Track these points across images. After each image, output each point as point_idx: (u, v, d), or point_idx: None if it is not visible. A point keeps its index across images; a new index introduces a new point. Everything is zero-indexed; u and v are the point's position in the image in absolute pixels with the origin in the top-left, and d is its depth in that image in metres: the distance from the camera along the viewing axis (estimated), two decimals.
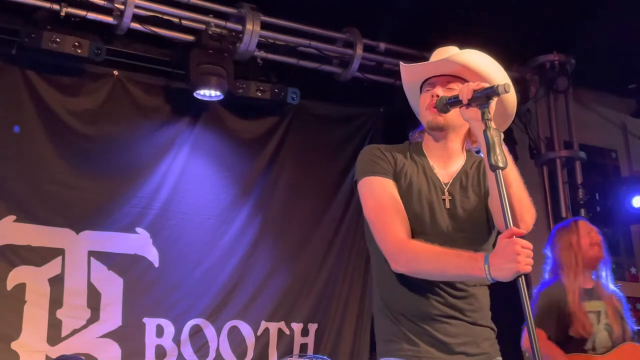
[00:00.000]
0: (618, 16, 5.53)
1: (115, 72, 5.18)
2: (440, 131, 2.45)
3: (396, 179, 2.44)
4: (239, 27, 5.25)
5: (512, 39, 5.82)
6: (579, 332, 3.94)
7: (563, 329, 3.95)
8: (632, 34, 5.84)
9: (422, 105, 2.49)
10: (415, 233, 2.36)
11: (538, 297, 4.02)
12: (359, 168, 2.49)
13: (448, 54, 2.49)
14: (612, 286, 4.15)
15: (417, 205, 2.40)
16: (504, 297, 2.56)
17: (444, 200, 2.43)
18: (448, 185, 2.45)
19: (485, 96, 2.18)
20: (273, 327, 5.42)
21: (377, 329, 2.49)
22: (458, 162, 2.51)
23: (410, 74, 2.58)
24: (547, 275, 4.15)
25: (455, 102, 2.30)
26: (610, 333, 4.02)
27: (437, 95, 2.41)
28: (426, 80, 2.52)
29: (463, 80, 2.42)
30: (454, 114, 2.35)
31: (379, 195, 2.41)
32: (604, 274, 4.13)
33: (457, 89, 2.34)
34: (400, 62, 2.61)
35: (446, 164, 2.50)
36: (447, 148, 2.49)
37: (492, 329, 2.45)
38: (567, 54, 6.39)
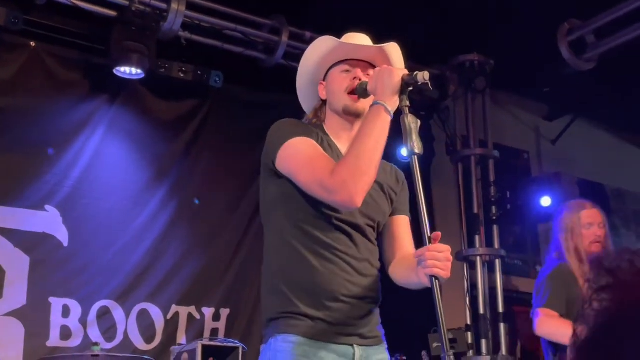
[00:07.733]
0: (533, 22, 5.70)
1: (32, 44, 5.02)
2: (356, 117, 2.39)
3: None
4: (164, 5, 5.16)
5: (434, 37, 5.92)
6: None
7: (572, 314, 3.71)
8: (546, 39, 6.04)
9: (338, 87, 2.39)
10: (325, 208, 2.26)
11: (545, 278, 3.84)
12: (279, 135, 2.29)
13: (360, 40, 2.45)
14: None
15: None
16: (416, 298, 2.55)
17: None
18: None
19: (405, 84, 2.20)
20: (183, 311, 5.37)
21: (269, 308, 2.31)
22: None
23: (331, 49, 2.42)
24: (554, 255, 3.94)
25: None
26: None
27: (359, 79, 2.35)
28: (341, 61, 2.42)
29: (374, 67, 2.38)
30: (369, 100, 2.30)
31: (311, 151, 2.25)
32: None
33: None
34: (328, 37, 2.43)
35: None
36: (353, 133, 2.35)
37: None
38: (487, 55, 6.55)
